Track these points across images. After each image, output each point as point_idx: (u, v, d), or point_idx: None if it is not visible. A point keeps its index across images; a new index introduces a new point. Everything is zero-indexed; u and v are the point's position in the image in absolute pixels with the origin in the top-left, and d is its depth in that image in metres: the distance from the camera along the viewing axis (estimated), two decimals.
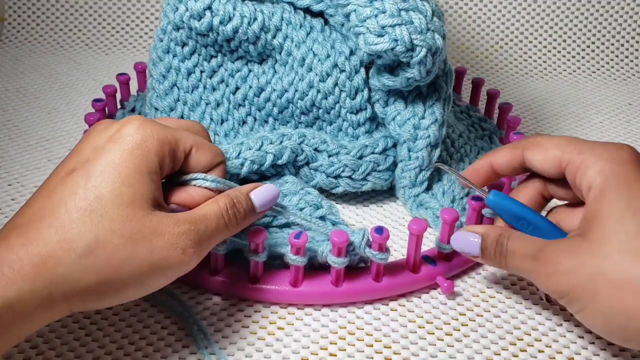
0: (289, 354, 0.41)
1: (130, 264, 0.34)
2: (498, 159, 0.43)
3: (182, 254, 0.35)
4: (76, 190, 0.34)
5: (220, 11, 0.50)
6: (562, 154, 0.39)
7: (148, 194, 0.35)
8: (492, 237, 0.40)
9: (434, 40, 0.47)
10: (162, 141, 0.37)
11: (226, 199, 0.39)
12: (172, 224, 0.35)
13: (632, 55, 0.84)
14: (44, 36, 0.84)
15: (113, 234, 0.33)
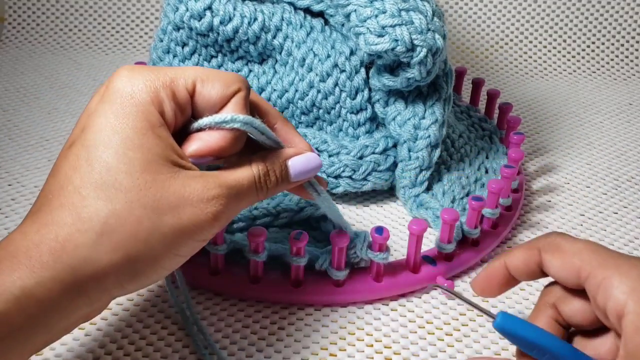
0: (290, 354, 0.41)
1: (158, 234, 0.31)
2: (513, 260, 0.35)
3: (213, 219, 0.32)
4: (79, 163, 0.30)
5: (221, 11, 0.50)
6: (581, 264, 0.32)
7: (160, 153, 0.31)
8: None
9: (435, 41, 0.47)
10: (155, 87, 0.32)
11: (261, 165, 0.35)
12: (200, 188, 0.32)
13: (632, 55, 0.84)
14: (44, 36, 0.84)
15: (132, 205, 0.30)
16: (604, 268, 0.31)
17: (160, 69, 0.33)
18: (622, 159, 0.64)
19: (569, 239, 0.34)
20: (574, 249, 0.33)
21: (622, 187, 0.59)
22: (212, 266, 0.44)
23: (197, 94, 0.33)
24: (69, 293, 0.29)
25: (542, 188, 0.59)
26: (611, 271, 0.31)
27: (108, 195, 0.30)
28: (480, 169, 0.56)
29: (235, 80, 0.34)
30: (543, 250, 0.34)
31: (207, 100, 0.33)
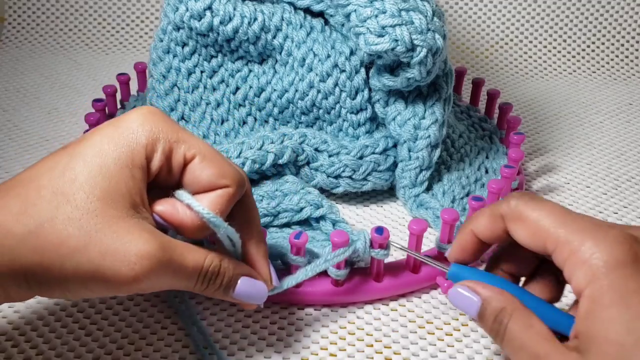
0: (289, 354, 0.41)
1: (76, 258, 0.30)
2: (480, 228, 0.36)
3: (133, 279, 0.31)
4: (56, 166, 0.32)
5: (221, 11, 0.50)
6: (547, 237, 0.32)
7: (125, 191, 0.32)
8: (492, 308, 0.33)
9: (435, 41, 0.47)
10: (156, 134, 0.33)
11: (215, 263, 0.34)
12: (141, 240, 0.31)
13: (632, 55, 0.84)
14: (44, 36, 0.84)
15: (71, 222, 0.30)
16: (568, 242, 0.31)
17: (176, 126, 0.34)
18: (622, 159, 0.64)
19: (531, 205, 0.33)
20: (537, 218, 0.33)
21: (622, 187, 0.59)
22: None
23: (192, 166, 0.34)
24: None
25: (542, 188, 0.59)
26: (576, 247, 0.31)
27: (58, 204, 0.31)
28: (480, 169, 0.56)
29: (230, 176, 0.34)
30: (507, 219, 0.34)
31: (197, 178, 0.34)
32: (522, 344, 0.32)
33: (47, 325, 0.42)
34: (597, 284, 0.30)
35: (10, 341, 0.40)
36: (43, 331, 0.41)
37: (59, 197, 0.31)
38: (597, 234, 0.31)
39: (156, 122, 0.33)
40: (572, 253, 0.31)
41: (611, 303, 0.29)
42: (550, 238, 0.32)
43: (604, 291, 0.30)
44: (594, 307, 0.30)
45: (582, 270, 0.30)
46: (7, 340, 0.40)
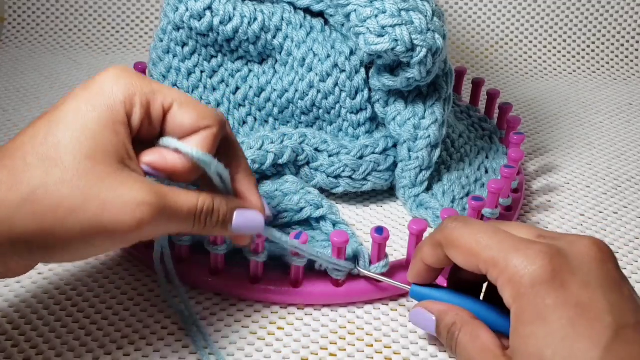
0: (289, 354, 0.41)
1: (76, 217, 0.31)
2: (427, 258, 0.38)
3: (137, 226, 0.32)
4: (37, 134, 0.32)
5: (221, 11, 0.50)
6: (478, 262, 0.34)
7: (111, 148, 0.32)
8: (445, 324, 0.37)
9: (435, 41, 0.47)
10: (132, 90, 0.34)
11: (208, 200, 0.36)
12: (135, 190, 0.32)
13: (632, 55, 0.84)
14: (44, 36, 0.84)
15: (63, 183, 0.31)
16: (496, 265, 0.33)
17: (147, 79, 0.35)
18: (622, 159, 0.64)
19: (461, 229, 0.35)
20: (467, 243, 0.34)
21: (622, 187, 0.59)
22: (212, 266, 0.44)
23: (171, 114, 0.35)
24: None
25: (542, 188, 0.59)
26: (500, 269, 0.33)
27: (47, 169, 0.31)
28: (480, 169, 0.56)
29: (211, 116, 0.36)
30: (444, 245, 0.36)
31: (179, 124, 0.35)
32: (469, 355, 0.35)
33: (47, 325, 0.42)
34: (518, 302, 0.32)
35: (10, 341, 0.40)
36: (43, 331, 0.41)
37: (46, 162, 0.31)
38: (519, 252, 0.32)
39: (129, 79, 0.34)
40: (500, 273, 0.33)
41: (530, 320, 0.31)
42: (480, 261, 0.34)
43: (524, 309, 0.31)
44: (517, 324, 0.32)
45: (508, 289, 0.32)
46: (7, 340, 0.40)
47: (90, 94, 0.33)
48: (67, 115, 0.32)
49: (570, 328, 0.30)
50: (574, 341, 0.30)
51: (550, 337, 0.30)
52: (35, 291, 0.44)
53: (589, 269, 0.32)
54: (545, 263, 0.32)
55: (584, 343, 0.30)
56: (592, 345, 0.29)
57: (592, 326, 0.30)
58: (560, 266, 0.32)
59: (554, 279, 0.31)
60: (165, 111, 0.35)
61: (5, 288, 0.44)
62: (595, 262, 0.32)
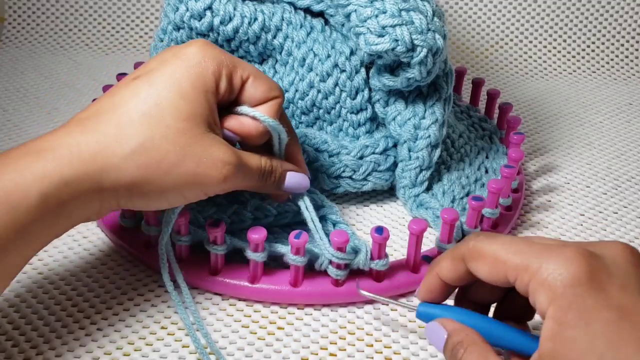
0: (289, 354, 0.41)
1: (176, 170, 0.37)
2: (444, 272, 0.36)
3: (222, 178, 0.38)
4: (138, 92, 0.37)
5: (221, 11, 0.50)
6: (507, 270, 0.33)
7: (203, 113, 0.38)
8: (451, 342, 0.35)
9: (435, 41, 0.47)
10: (220, 63, 0.39)
11: (268, 163, 0.42)
12: (222, 152, 0.38)
13: (632, 55, 0.84)
14: (44, 36, 0.84)
15: (167, 140, 0.36)
16: (527, 269, 0.32)
17: (228, 54, 0.40)
18: (622, 159, 0.64)
19: (487, 241, 0.34)
20: (494, 252, 0.33)
21: (622, 187, 0.59)
22: (212, 266, 0.44)
23: (247, 85, 0.41)
24: (93, 191, 0.35)
25: (542, 188, 0.59)
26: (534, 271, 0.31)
27: (151, 125, 0.36)
28: (480, 168, 0.56)
29: (277, 88, 0.42)
30: (466, 259, 0.35)
31: (252, 94, 0.41)
32: None
33: (47, 325, 0.42)
34: (557, 303, 0.30)
35: (10, 341, 0.40)
36: (43, 331, 0.41)
37: (150, 119, 0.36)
38: (552, 254, 0.31)
39: (215, 52, 0.39)
40: (532, 277, 0.31)
41: (573, 323, 0.29)
42: (509, 268, 0.32)
43: (565, 311, 0.30)
44: (557, 327, 0.30)
45: (543, 291, 0.31)
46: (7, 340, 0.40)
47: (183, 62, 0.38)
48: (165, 79, 0.37)
49: (615, 332, 0.29)
50: (619, 346, 0.29)
51: (595, 341, 0.29)
52: (36, 291, 0.44)
53: (625, 272, 0.31)
54: (583, 264, 0.30)
55: (630, 348, 0.29)
56: (637, 350, 0.28)
57: (636, 330, 0.29)
58: (597, 268, 0.31)
59: (593, 281, 0.30)
60: (243, 82, 0.40)
61: None
62: (631, 266, 0.31)
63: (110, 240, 0.49)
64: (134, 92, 0.37)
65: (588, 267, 0.30)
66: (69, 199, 0.34)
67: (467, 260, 0.35)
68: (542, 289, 0.31)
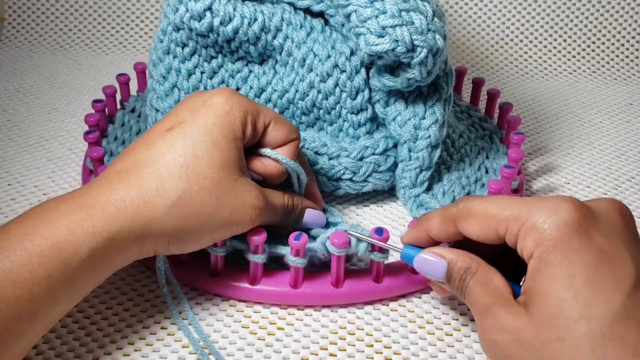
0: (289, 354, 0.41)
1: (212, 220, 0.39)
2: (433, 230, 0.39)
3: (249, 222, 0.41)
4: (174, 146, 0.38)
5: (221, 12, 0.50)
6: (498, 223, 0.35)
7: (235, 160, 0.40)
8: (458, 268, 0.37)
9: (435, 41, 0.47)
10: (246, 111, 0.41)
11: (290, 201, 0.44)
12: (253, 196, 0.40)
13: (632, 55, 0.84)
14: (44, 36, 0.84)
15: (204, 191, 0.38)
16: (517, 219, 0.34)
17: (251, 101, 0.43)
18: (622, 159, 0.64)
19: (477, 200, 0.36)
20: (486, 210, 0.36)
21: (622, 187, 0.59)
22: (212, 268, 0.44)
23: (269, 129, 0.43)
24: (135, 243, 0.37)
25: (542, 188, 0.59)
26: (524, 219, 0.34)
27: (189, 177, 0.38)
28: (480, 169, 0.56)
29: (296, 130, 0.45)
30: (457, 219, 0.37)
31: (274, 137, 0.43)
32: (477, 295, 0.35)
33: None
34: (544, 244, 0.32)
35: None
36: None
37: (187, 170, 0.38)
38: (542, 204, 0.34)
39: (240, 101, 0.41)
40: (521, 225, 0.34)
41: (556, 261, 0.32)
42: (500, 222, 0.35)
43: (550, 251, 0.32)
44: (540, 265, 0.32)
45: (531, 235, 0.33)
46: None
47: (213, 112, 0.40)
48: (199, 130, 0.39)
49: (594, 272, 0.31)
50: (596, 284, 0.31)
51: (574, 278, 0.31)
52: None
53: (611, 222, 0.33)
54: (572, 209, 0.33)
55: (606, 286, 0.31)
56: (614, 290, 0.31)
57: (615, 272, 0.31)
58: (585, 215, 0.33)
59: (580, 226, 0.32)
60: (265, 126, 0.43)
61: None
62: (618, 216, 0.33)
63: None
64: (171, 144, 0.39)
65: (576, 213, 0.33)
66: (115, 253, 0.36)
67: (458, 221, 0.37)
68: (531, 233, 0.33)
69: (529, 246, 0.33)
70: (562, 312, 0.31)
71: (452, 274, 0.37)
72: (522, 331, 0.32)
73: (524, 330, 0.32)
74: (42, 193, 0.55)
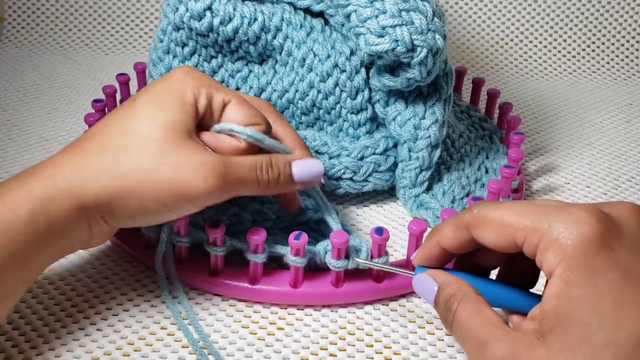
0: (289, 354, 0.41)
1: (152, 177, 0.36)
2: (446, 240, 0.36)
3: (204, 182, 0.37)
4: (120, 114, 0.39)
5: (221, 11, 0.50)
6: (515, 232, 0.32)
7: (180, 120, 0.38)
8: (444, 294, 0.35)
9: (435, 41, 0.47)
10: (200, 82, 0.40)
11: (264, 157, 0.40)
12: (199, 152, 0.37)
13: (632, 55, 0.84)
14: (43, 36, 0.84)
15: (140, 149, 0.37)
16: (536, 230, 0.31)
17: (212, 79, 0.41)
18: (622, 159, 0.64)
19: (492, 207, 0.34)
20: (502, 216, 0.33)
21: (622, 187, 0.59)
22: (211, 267, 0.44)
23: (228, 108, 0.41)
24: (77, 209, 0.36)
25: (542, 188, 0.59)
26: (544, 231, 0.31)
27: (128, 138, 0.37)
28: (480, 169, 0.56)
29: (260, 116, 0.42)
30: (471, 226, 0.34)
31: (234, 117, 0.41)
32: (469, 331, 0.32)
33: (46, 325, 0.42)
34: (566, 262, 0.30)
35: (10, 341, 0.40)
36: (43, 331, 0.41)
37: (128, 133, 0.37)
38: (561, 214, 0.31)
39: (198, 75, 0.40)
40: (541, 237, 0.31)
41: (580, 282, 0.29)
42: (517, 231, 0.32)
43: (574, 270, 0.30)
44: (564, 286, 0.30)
45: (552, 250, 0.30)
46: (7, 340, 0.40)
47: (164, 81, 0.40)
48: (146, 97, 0.39)
49: (620, 294, 0.29)
50: (623, 307, 0.29)
51: (599, 302, 0.29)
52: (35, 291, 0.44)
53: (634, 233, 0.31)
54: (594, 223, 0.30)
55: (631, 309, 0.29)
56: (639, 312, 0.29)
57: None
58: (608, 227, 0.30)
59: (603, 241, 0.30)
60: (224, 105, 0.41)
61: None
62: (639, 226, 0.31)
63: (110, 240, 0.49)
64: (119, 113, 0.39)
65: (599, 227, 0.30)
66: (56, 215, 0.35)
67: (472, 228, 0.34)
68: (552, 248, 0.30)
69: (550, 262, 0.31)
70: (588, 339, 0.29)
71: (439, 301, 0.35)
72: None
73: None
74: None
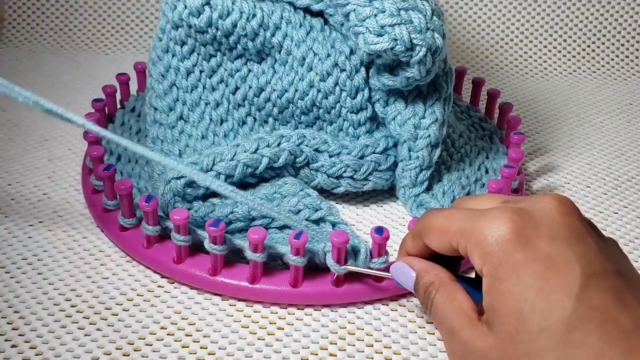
0: (289, 354, 0.40)
1: None
2: (409, 249, 0.39)
3: None
4: None
5: (219, 5, 0.50)
6: (450, 237, 0.35)
7: None
8: (424, 281, 0.37)
9: (434, 40, 0.47)
10: None
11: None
12: None
13: (632, 55, 0.84)
14: (44, 36, 0.84)
15: None
16: (463, 235, 0.34)
17: None
18: (622, 159, 0.64)
19: (434, 215, 0.37)
20: (439, 224, 0.36)
21: (622, 187, 0.59)
22: (211, 267, 0.44)
23: None
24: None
25: (542, 188, 0.59)
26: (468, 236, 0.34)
27: None
28: (480, 169, 0.56)
29: None
30: (421, 235, 0.38)
31: None
32: (443, 316, 0.35)
33: (46, 325, 0.42)
34: (489, 261, 0.32)
35: (10, 341, 0.40)
36: (42, 332, 0.41)
37: None
38: (483, 217, 0.34)
39: None
40: (467, 240, 0.34)
41: (504, 277, 0.32)
42: (451, 236, 0.35)
43: (496, 267, 0.32)
44: (492, 282, 0.32)
45: (477, 252, 0.33)
46: (6, 341, 0.40)
47: None
48: None
49: (543, 281, 0.31)
50: (548, 293, 0.31)
51: (526, 291, 0.31)
52: (35, 291, 0.44)
53: (552, 223, 0.33)
54: (507, 221, 0.32)
55: (557, 294, 0.30)
56: (565, 296, 0.30)
57: (563, 277, 0.31)
58: (522, 223, 0.32)
59: (519, 236, 0.32)
60: None
61: (5, 288, 0.44)
62: (559, 216, 0.33)
63: (110, 240, 0.49)
64: None
65: (513, 224, 0.32)
66: None
67: (422, 236, 0.37)
68: (476, 250, 0.33)
69: (477, 263, 0.33)
70: (523, 326, 0.31)
71: (418, 288, 0.37)
72: (490, 353, 0.32)
73: (491, 352, 0.32)
74: (42, 193, 0.55)
